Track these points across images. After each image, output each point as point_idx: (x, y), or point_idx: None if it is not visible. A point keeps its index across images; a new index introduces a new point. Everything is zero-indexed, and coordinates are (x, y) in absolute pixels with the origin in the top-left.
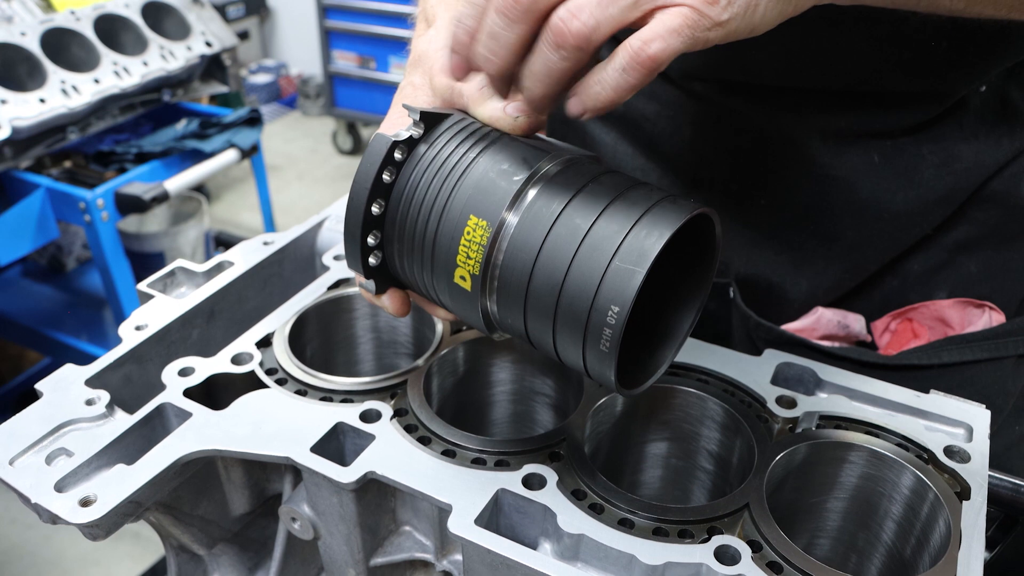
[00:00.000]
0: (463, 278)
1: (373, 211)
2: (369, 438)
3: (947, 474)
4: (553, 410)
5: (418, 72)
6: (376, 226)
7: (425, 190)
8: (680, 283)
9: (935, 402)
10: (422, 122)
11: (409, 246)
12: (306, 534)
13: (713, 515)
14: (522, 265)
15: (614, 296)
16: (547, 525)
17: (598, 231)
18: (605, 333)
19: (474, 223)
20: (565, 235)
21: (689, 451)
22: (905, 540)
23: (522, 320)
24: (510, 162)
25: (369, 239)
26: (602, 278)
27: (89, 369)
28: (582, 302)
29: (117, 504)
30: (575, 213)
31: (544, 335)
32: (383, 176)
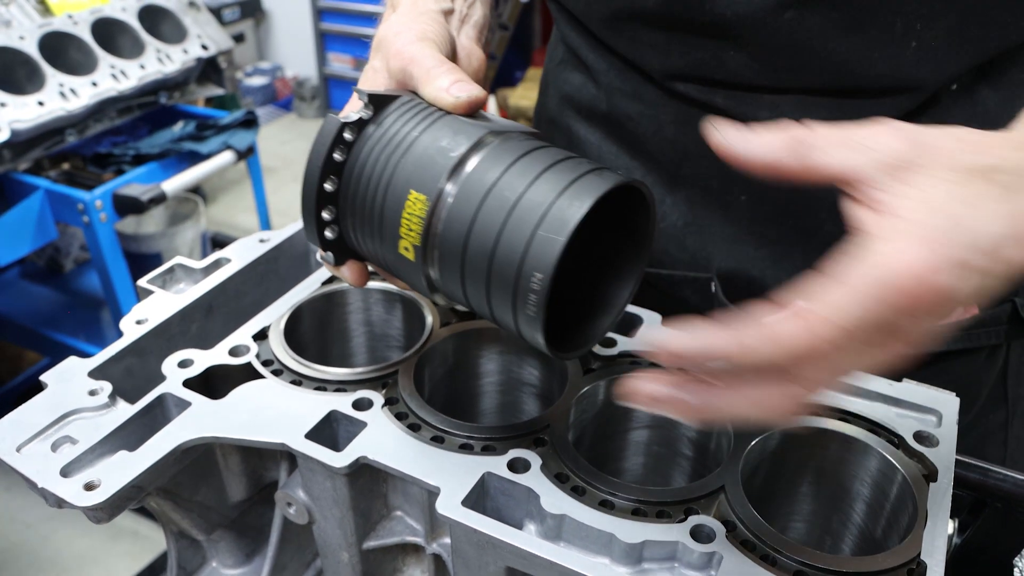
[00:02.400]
0: (407, 249)
1: (326, 188)
2: (361, 425)
3: (916, 458)
4: (539, 400)
5: (378, 56)
6: (330, 201)
7: (373, 167)
8: (619, 255)
9: (906, 390)
10: (371, 104)
11: (361, 220)
12: (301, 519)
13: (690, 496)
14: (457, 235)
15: (537, 263)
16: (531, 507)
17: (526, 201)
18: (531, 299)
19: (414, 197)
20: (496, 206)
21: (669, 439)
22: (876, 521)
23: (461, 287)
24: (449, 138)
25: (324, 214)
26: (527, 246)
27: (92, 361)
28: (510, 269)
29: (120, 488)
30: (506, 185)
31: (480, 300)
32: (334, 155)
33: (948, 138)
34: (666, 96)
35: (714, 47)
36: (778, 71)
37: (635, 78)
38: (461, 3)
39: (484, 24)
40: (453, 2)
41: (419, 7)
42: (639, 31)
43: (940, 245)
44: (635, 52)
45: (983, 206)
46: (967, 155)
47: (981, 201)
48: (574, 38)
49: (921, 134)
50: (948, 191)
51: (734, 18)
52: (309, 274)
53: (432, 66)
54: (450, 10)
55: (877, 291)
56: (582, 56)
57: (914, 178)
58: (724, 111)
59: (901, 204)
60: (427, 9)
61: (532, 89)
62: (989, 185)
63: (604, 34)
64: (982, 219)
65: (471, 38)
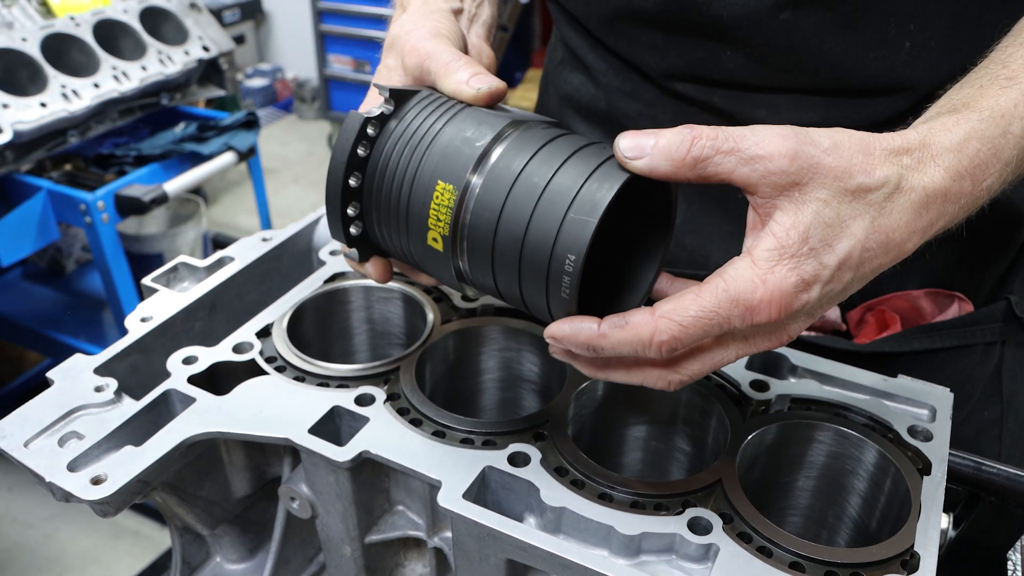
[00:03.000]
0: (435, 239)
1: (351, 183)
2: (363, 420)
3: (910, 452)
4: (539, 396)
5: (392, 55)
6: (355, 197)
7: (397, 161)
8: (643, 236)
9: (901, 385)
10: (392, 99)
11: (386, 214)
12: (304, 513)
13: (687, 490)
14: (487, 223)
15: (570, 245)
16: (531, 500)
17: (554, 186)
18: (564, 281)
19: (442, 188)
20: (524, 192)
21: (667, 433)
22: (871, 514)
23: (491, 275)
24: (473, 129)
25: (349, 210)
26: (559, 229)
27: (98, 358)
28: (542, 253)
29: (126, 483)
30: (533, 171)
31: (512, 287)
32: (358, 151)
33: (838, 160)
34: (664, 96)
35: (711, 47)
36: (774, 71)
37: (634, 78)
38: (470, 3)
39: (492, 24)
40: (462, 1)
41: (430, 6)
42: (637, 31)
43: (794, 270)
44: (633, 52)
45: (848, 225)
46: (848, 178)
47: (847, 221)
48: (573, 38)
49: (813, 155)
50: (819, 215)
51: (731, 19)
52: (311, 272)
53: (450, 60)
54: (459, 9)
55: (723, 305)
56: (581, 56)
57: (797, 195)
58: (721, 110)
59: (778, 221)
60: (437, 8)
61: (532, 90)
62: (859, 205)
63: (603, 34)
64: (843, 239)
65: (480, 36)
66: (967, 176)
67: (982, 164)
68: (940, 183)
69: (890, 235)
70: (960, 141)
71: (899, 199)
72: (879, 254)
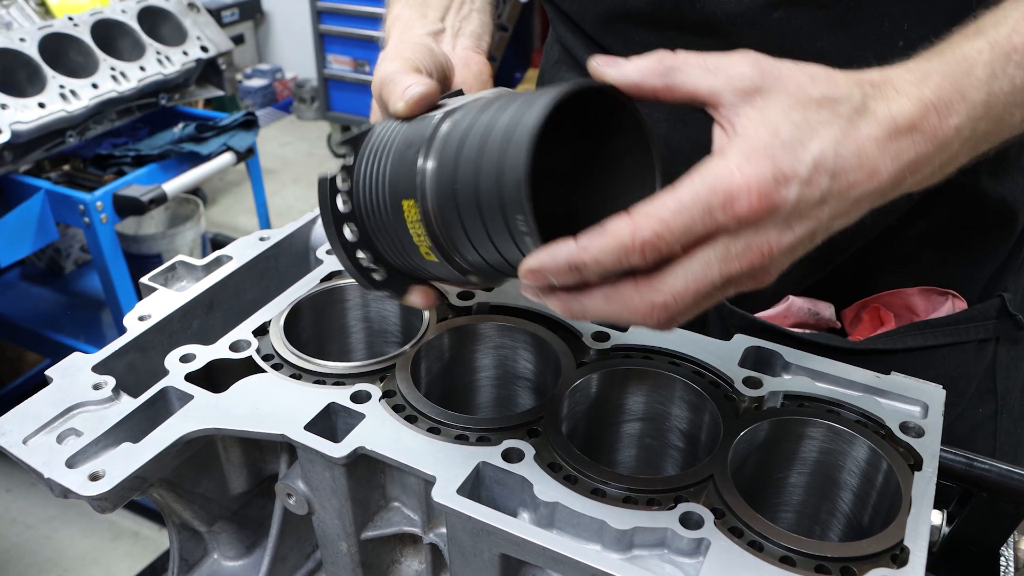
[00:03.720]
0: (428, 252)
1: (349, 238)
2: (359, 417)
3: (902, 448)
4: (534, 393)
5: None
6: (359, 247)
7: (370, 201)
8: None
9: (894, 382)
10: (351, 149)
11: (392, 250)
12: (301, 509)
13: (679, 485)
14: (449, 208)
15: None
16: (525, 495)
17: (492, 134)
18: (519, 219)
19: (407, 206)
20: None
21: (661, 430)
22: (862, 510)
23: (477, 254)
24: (410, 138)
25: (361, 261)
26: (502, 166)
27: (96, 357)
28: (494, 198)
29: (124, 479)
30: (470, 140)
31: (491, 252)
32: (339, 206)
33: (799, 72)
34: None
35: (705, 46)
36: None
37: None
38: (453, 19)
39: (483, 31)
40: (443, 21)
41: (405, 37)
42: (632, 31)
43: (768, 160)
44: (628, 51)
45: (817, 130)
46: (811, 86)
47: (816, 126)
48: (569, 38)
49: (775, 65)
50: (787, 115)
51: (724, 17)
52: (308, 271)
53: (392, 80)
54: (439, 30)
55: (701, 194)
56: (577, 56)
57: (760, 101)
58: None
59: (744, 124)
60: (410, 38)
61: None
62: (825, 112)
63: (598, 34)
64: (814, 139)
65: (469, 48)
66: (931, 108)
67: (946, 99)
68: (905, 109)
69: (862, 148)
70: (921, 76)
71: (866, 117)
72: (854, 167)
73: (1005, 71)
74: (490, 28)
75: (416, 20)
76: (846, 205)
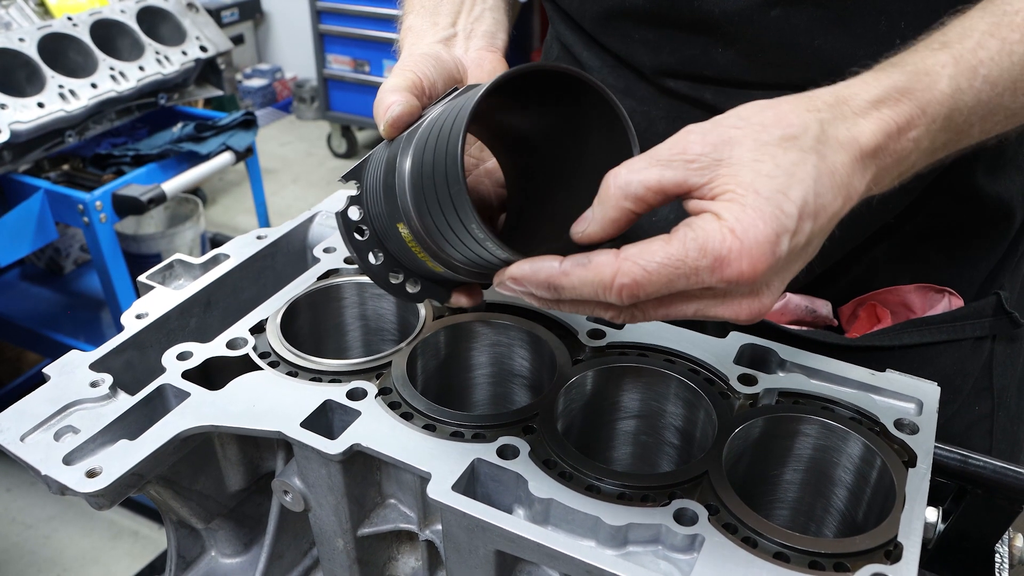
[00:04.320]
0: (433, 264)
1: (375, 262)
2: (355, 414)
3: (896, 444)
4: (530, 390)
5: None
6: (389, 269)
7: (381, 228)
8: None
9: (889, 379)
10: (355, 178)
11: (413, 267)
12: (297, 506)
13: (674, 482)
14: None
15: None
16: (520, 492)
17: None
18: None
19: (401, 228)
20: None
21: (656, 427)
22: (857, 506)
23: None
24: (391, 160)
25: (393, 281)
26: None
27: (93, 354)
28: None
29: (121, 475)
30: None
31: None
32: (356, 237)
33: (747, 123)
34: (657, 93)
35: (703, 44)
36: (765, 67)
37: (627, 75)
38: (464, 22)
39: (496, 29)
40: (455, 26)
41: (414, 49)
42: (631, 28)
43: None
44: (627, 49)
45: (793, 173)
46: (764, 135)
47: (790, 169)
48: (568, 36)
49: (718, 131)
50: (757, 168)
51: (722, 15)
52: (306, 269)
53: (379, 99)
54: (451, 36)
55: (691, 254)
56: (576, 54)
57: (725, 169)
58: (713, 107)
59: (723, 185)
60: (417, 50)
61: None
62: (792, 153)
63: (597, 32)
64: (793, 186)
65: (481, 48)
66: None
67: (907, 117)
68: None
69: (835, 178)
70: (880, 93)
71: (830, 145)
72: (831, 199)
73: (972, 85)
74: (505, 25)
75: (427, 29)
76: (824, 233)
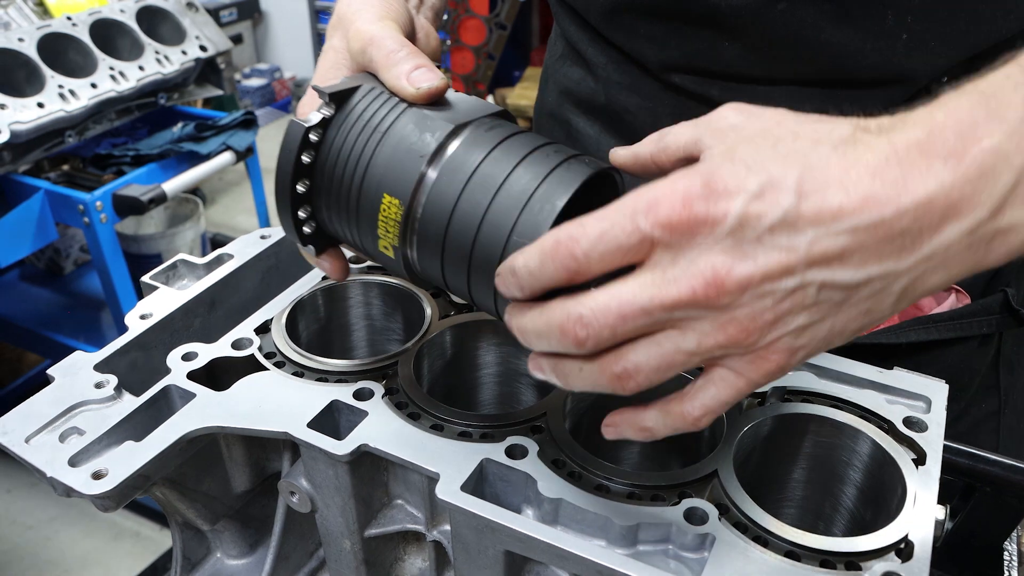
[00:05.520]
0: (386, 248)
1: (299, 189)
2: (362, 414)
3: (905, 442)
4: (536, 390)
5: (338, 35)
6: (305, 201)
7: (343, 168)
8: None
9: (897, 377)
10: (333, 103)
11: (338, 216)
12: (304, 507)
13: (683, 480)
14: (435, 236)
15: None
16: (528, 492)
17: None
18: None
19: (388, 201)
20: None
21: None
22: (866, 505)
23: (441, 276)
24: (416, 136)
25: (300, 213)
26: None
27: (98, 355)
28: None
29: (127, 477)
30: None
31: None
32: (302, 158)
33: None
34: (663, 88)
35: (709, 38)
36: (772, 62)
37: (633, 71)
38: None
39: (442, 7)
40: None
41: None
42: (636, 23)
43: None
44: (633, 45)
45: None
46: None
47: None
48: (573, 32)
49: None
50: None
51: (728, 9)
52: (310, 269)
53: (393, 49)
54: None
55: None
56: (581, 50)
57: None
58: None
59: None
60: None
61: (530, 88)
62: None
63: (602, 27)
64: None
65: (428, 19)
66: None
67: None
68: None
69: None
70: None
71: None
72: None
73: None
74: (444, 6)
75: None
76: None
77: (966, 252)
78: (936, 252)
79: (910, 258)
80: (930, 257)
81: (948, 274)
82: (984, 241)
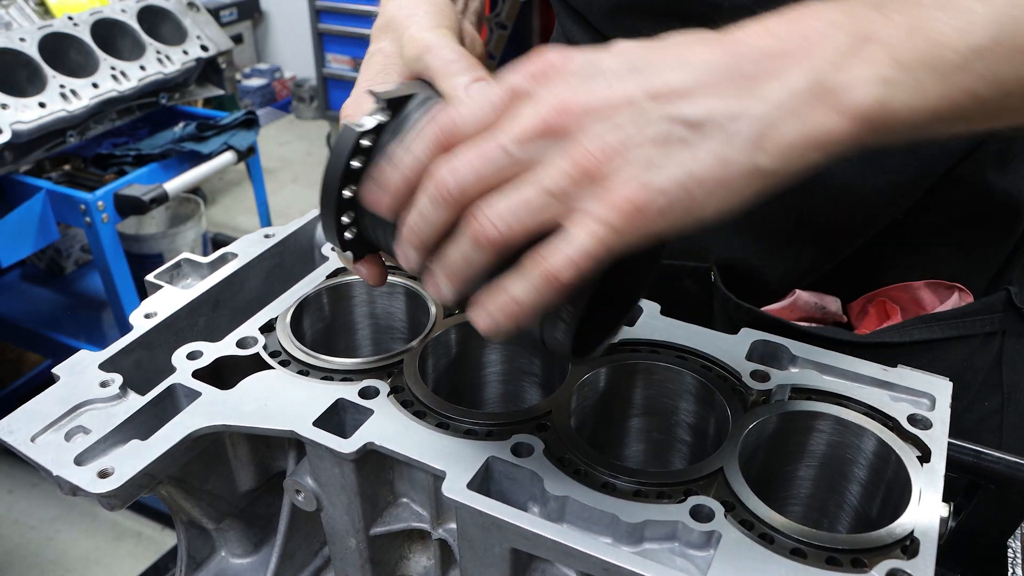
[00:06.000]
0: None
1: (345, 194)
2: (368, 412)
3: (910, 440)
4: (541, 388)
5: (388, 38)
6: (350, 207)
7: None
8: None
9: (901, 375)
10: (389, 109)
11: (382, 225)
12: (309, 506)
13: (689, 478)
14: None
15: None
16: (534, 489)
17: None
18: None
19: None
20: None
21: (669, 424)
22: (871, 502)
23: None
24: None
25: (343, 218)
26: None
27: (103, 354)
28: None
29: (133, 476)
30: None
31: None
32: (352, 163)
33: None
34: None
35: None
36: None
37: None
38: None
39: (482, 11)
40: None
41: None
42: (638, 22)
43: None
44: None
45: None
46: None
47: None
48: (575, 32)
49: None
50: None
51: (730, 7)
52: (314, 268)
53: (452, 59)
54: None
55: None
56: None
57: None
58: None
59: None
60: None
61: None
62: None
63: (604, 26)
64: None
65: (473, 24)
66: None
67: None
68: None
69: (679, 48)
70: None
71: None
72: (663, 55)
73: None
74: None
75: None
76: (688, 76)
77: (816, 103)
78: (781, 98)
79: (752, 100)
80: (778, 104)
81: (804, 127)
82: (831, 94)
